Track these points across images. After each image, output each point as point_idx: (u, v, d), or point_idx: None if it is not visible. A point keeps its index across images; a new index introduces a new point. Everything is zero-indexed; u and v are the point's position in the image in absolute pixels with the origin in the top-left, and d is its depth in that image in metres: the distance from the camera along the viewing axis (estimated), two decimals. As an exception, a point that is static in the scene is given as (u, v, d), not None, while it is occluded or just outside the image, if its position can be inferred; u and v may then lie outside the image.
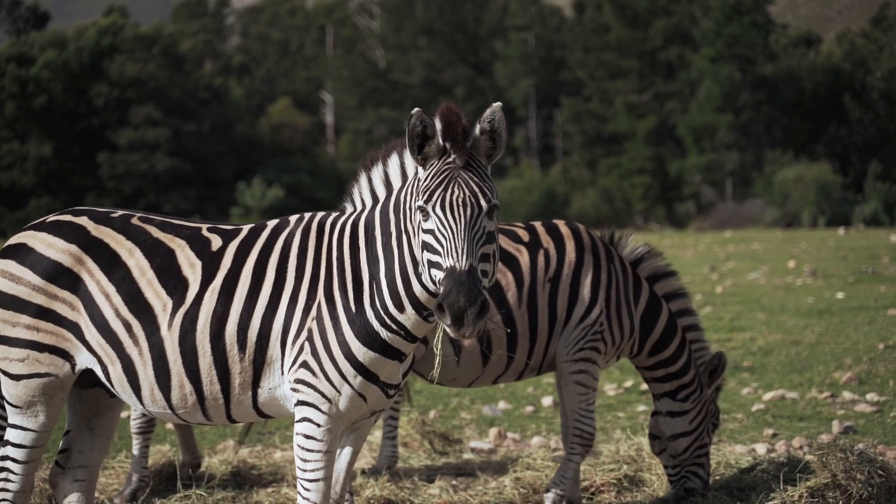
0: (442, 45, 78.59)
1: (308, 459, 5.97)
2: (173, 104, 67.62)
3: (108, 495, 9.02)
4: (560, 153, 74.86)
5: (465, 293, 5.23)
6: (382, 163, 6.10)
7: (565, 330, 8.04)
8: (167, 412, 6.19)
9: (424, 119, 5.61)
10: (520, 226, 8.34)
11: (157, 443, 10.24)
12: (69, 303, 6.16)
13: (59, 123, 66.10)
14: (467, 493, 8.90)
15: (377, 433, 10.81)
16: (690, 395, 8.48)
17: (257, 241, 6.19)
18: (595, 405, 8.27)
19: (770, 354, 15.49)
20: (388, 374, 5.94)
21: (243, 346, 5.99)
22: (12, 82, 64.59)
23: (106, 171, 65.20)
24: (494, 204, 5.56)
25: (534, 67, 75.13)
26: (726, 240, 44.34)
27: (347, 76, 77.76)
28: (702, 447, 8.49)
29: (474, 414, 12.25)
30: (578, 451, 8.18)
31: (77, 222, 6.32)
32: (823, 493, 7.83)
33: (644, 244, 8.59)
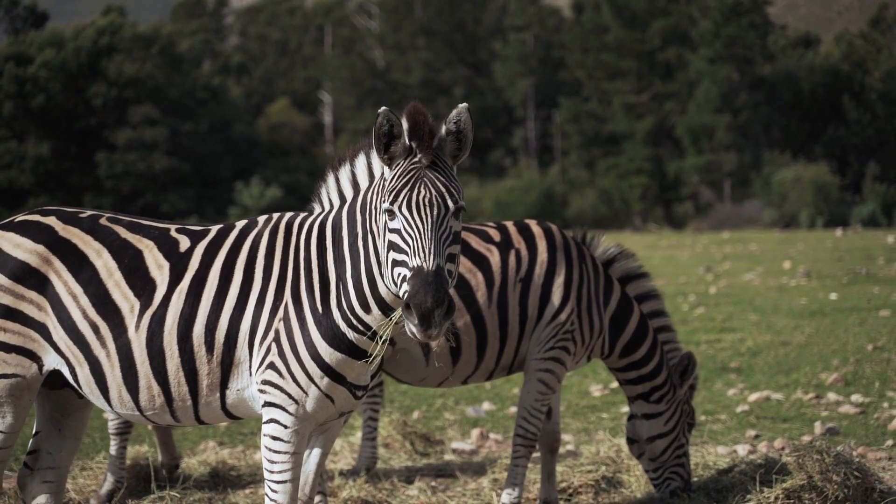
0: (440, 45, 78.56)
1: (275, 461, 5.95)
2: (171, 104, 67.61)
3: (86, 496, 9.00)
4: (558, 153, 74.83)
5: (433, 293, 5.21)
6: (350, 163, 6.07)
7: (536, 329, 8.01)
8: (135, 414, 6.16)
9: (391, 118, 5.59)
10: (491, 226, 8.30)
11: (136, 443, 10.22)
12: (37, 303, 6.13)
13: (57, 123, 66.10)
14: (445, 494, 8.89)
15: (358, 434, 10.79)
16: (664, 397, 8.46)
17: (225, 241, 6.16)
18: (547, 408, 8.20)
19: (758, 355, 15.46)
20: (356, 375, 5.92)
21: (211, 347, 5.97)
22: (10, 82, 64.61)
23: (104, 171, 65.21)
24: (461, 204, 5.54)
25: (532, 68, 75.07)
26: (724, 240, 44.31)
27: (346, 76, 77.71)
28: (680, 447, 8.49)
29: (458, 415, 12.23)
30: (522, 452, 8.11)
31: (45, 222, 6.29)
32: (799, 494, 7.83)
33: (616, 245, 8.56)
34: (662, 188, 64.26)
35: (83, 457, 10.24)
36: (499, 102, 77.13)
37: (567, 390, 13.60)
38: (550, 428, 8.50)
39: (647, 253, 37.40)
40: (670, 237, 49.78)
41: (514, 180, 64.80)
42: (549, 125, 77.01)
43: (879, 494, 7.95)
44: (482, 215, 57.55)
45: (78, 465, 9.73)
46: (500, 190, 63.59)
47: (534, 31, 76.51)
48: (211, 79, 72.77)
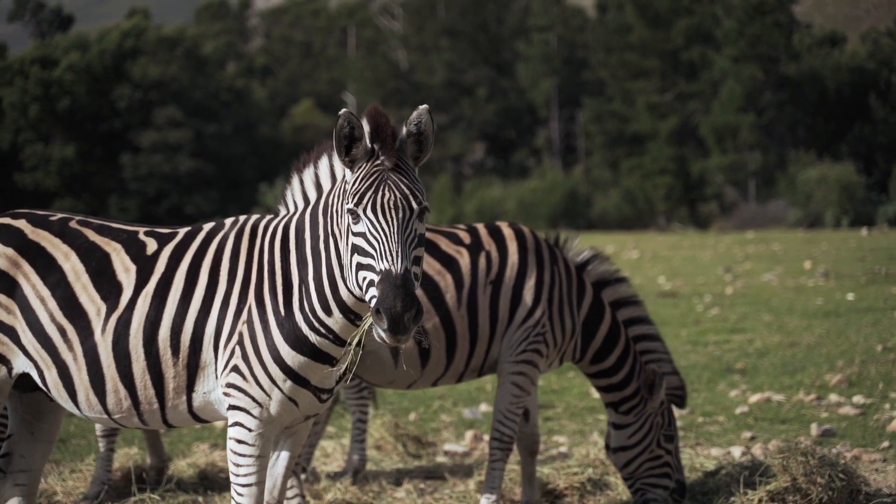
0: (464, 45, 78.50)
1: (240, 464, 5.93)
2: (196, 106, 67.86)
3: (75, 498, 9.01)
4: (582, 154, 74.70)
5: (402, 297, 5.18)
6: (313, 165, 6.05)
7: (508, 331, 7.97)
8: (103, 417, 6.15)
9: (352, 120, 5.54)
10: (461, 228, 8.27)
11: (126, 446, 10.23)
12: (5, 306, 6.13)
13: (82, 125, 66.48)
14: (432, 496, 8.87)
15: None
16: (633, 409, 8.35)
17: (192, 244, 6.15)
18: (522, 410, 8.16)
19: (765, 356, 15.38)
20: (320, 378, 5.89)
21: (176, 350, 5.95)
22: (36, 85, 65.02)
23: (129, 173, 65.54)
24: (425, 206, 5.51)
25: (556, 68, 74.91)
26: (747, 240, 44.07)
27: (370, 77, 77.73)
28: (653, 459, 8.36)
29: (454, 416, 12.20)
30: (499, 455, 8.07)
31: (15, 225, 6.29)
32: (784, 496, 7.81)
33: (590, 248, 8.49)
34: (687, 188, 63.99)
35: (75, 459, 10.26)
36: (522, 103, 77.02)
37: (567, 392, 13.56)
38: (529, 430, 8.46)
39: (670, 253, 37.30)
40: (693, 237, 49.57)
41: (537, 181, 64.68)
42: (572, 125, 76.88)
43: (865, 496, 7.92)
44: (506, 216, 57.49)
45: (68, 468, 9.75)
46: (524, 190, 63.50)
47: (557, 32, 76.36)
48: (235, 81, 73.00)
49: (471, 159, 79.29)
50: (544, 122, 77.60)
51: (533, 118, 78.32)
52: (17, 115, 65.41)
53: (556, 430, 11.62)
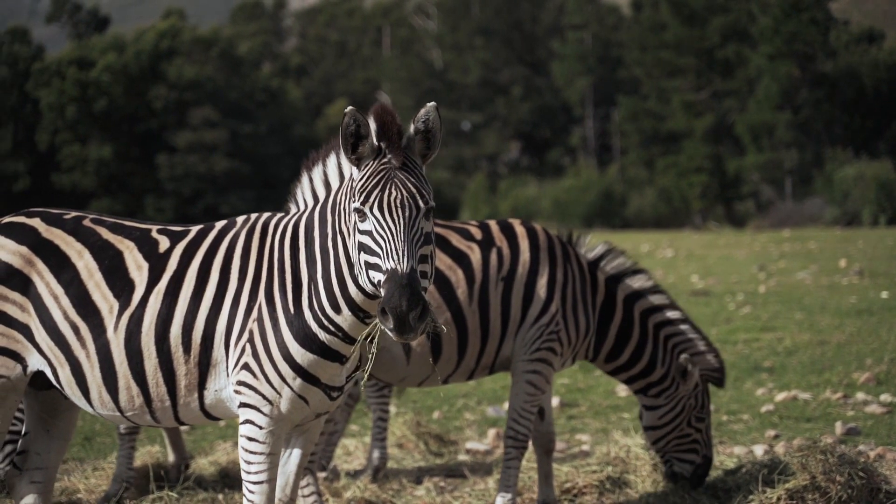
0: (498, 44, 78.43)
1: (251, 462, 5.94)
2: (231, 106, 68.11)
3: (97, 496, 9.05)
4: (617, 152, 74.50)
5: (408, 297, 5.17)
6: (322, 163, 6.05)
7: (521, 330, 7.95)
8: (116, 414, 6.18)
9: (358, 118, 5.54)
10: (473, 224, 8.25)
11: (148, 444, 10.27)
12: (20, 304, 6.16)
13: (118, 126, 66.89)
14: (452, 494, 8.86)
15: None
16: (662, 392, 8.45)
17: (203, 242, 6.16)
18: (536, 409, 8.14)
19: (794, 355, 15.28)
20: (329, 376, 5.89)
21: (188, 347, 5.97)
22: (73, 86, 65.48)
23: (165, 173, 65.87)
24: (432, 205, 5.51)
25: (591, 66, 74.77)
26: (783, 239, 43.85)
27: (404, 77, 77.80)
28: (682, 437, 8.47)
29: (478, 415, 12.19)
30: (514, 454, 8.07)
31: (29, 224, 6.33)
32: (803, 495, 7.73)
33: (604, 243, 8.47)
34: (722, 186, 63.70)
35: (99, 457, 10.31)
36: (557, 101, 76.91)
37: (592, 390, 13.52)
38: (545, 429, 8.45)
39: (705, 252, 37.14)
40: (729, 236, 49.35)
41: (572, 179, 64.59)
42: (607, 124, 76.72)
43: (885, 495, 7.83)
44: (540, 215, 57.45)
45: (91, 465, 9.79)
46: (559, 189, 63.43)
47: (592, 30, 76.20)
48: (270, 81, 73.18)
49: (506, 158, 79.25)
50: (579, 120, 77.47)
51: (568, 117, 78.20)
52: (54, 116, 65.88)
53: (580, 428, 11.59)
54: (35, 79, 67.23)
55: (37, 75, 67.21)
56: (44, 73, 66.94)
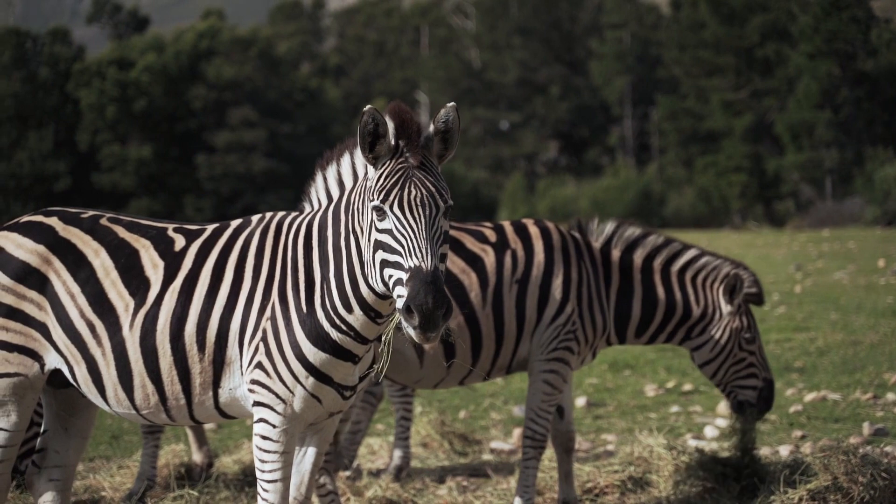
0: (537, 44, 78.27)
1: (265, 460, 5.96)
2: (270, 106, 68.32)
3: (122, 493, 9.10)
4: (656, 152, 74.19)
5: (434, 294, 5.18)
6: (336, 162, 6.06)
7: (537, 330, 7.94)
8: (132, 412, 6.21)
9: (377, 117, 5.54)
10: (487, 226, 8.25)
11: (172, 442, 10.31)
12: (37, 303, 6.21)
13: (158, 126, 67.23)
14: (474, 494, 8.85)
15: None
16: (706, 327, 8.46)
17: (218, 241, 6.18)
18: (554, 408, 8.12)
19: (825, 355, 15.19)
20: (342, 375, 5.90)
21: (202, 346, 5.99)
22: (113, 86, 65.85)
23: (204, 173, 66.14)
24: (450, 204, 5.52)
25: (629, 65, 74.50)
26: (822, 238, 43.58)
27: (442, 76, 77.76)
28: (738, 363, 8.47)
29: (504, 414, 12.18)
30: (531, 454, 8.06)
31: (47, 223, 6.37)
32: (824, 495, 7.71)
33: (612, 222, 8.45)
34: (762, 186, 63.34)
35: (124, 455, 10.37)
36: (595, 101, 76.69)
37: (620, 390, 13.49)
38: (564, 428, 8.43)
39: (743, 251, 36.93)
40: (768, 235, 49.12)
41: (610, 179, 64.38)
42: (646, 123, 76.42)
43: (909, 496, 7.77)
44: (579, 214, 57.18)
45: (116, 464, 9.85)
46: (597, 189, 63.24)
47: (630, 29, 75.95)
48: (309, 80, 73.33)
49: (544, 158, 79.11)
50: (618, 120, 77.22)
51: (606, 116, 77.95)
52: (94, 117, 66.29)
53: (605, 428, 11.56)
54: (76, 79, 67.68)
55: (77, 76, 67.67)
56: (84, 74, 67.39)
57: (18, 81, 68.38)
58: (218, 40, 69.15)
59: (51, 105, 68.53)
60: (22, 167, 66.13)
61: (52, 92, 68.89)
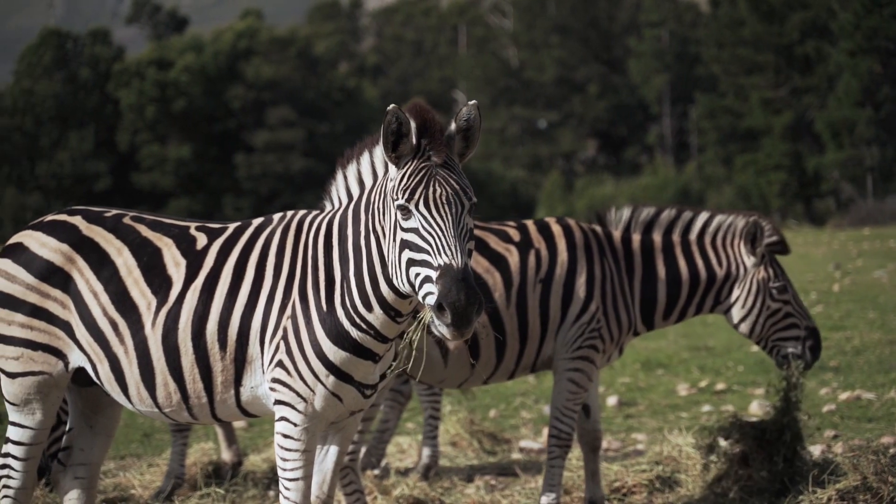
0: (575, 42, 78.10)
1: (287, 459, 5.96)
2: (308, 105, 68.47)
3: (151, 491, 9.13)
4: (695, 150, 73.91)
5: (467, 292, 5.19)
6: (356, 161, 6.06)
7: (561, 329, 7.92)
8: (154, 411, 6.22)
9: (400, 116, 5.55)
10: (511, 225, 8.23)
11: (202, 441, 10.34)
12: (61, 301, 6.23)
13: (197, 126, 67.51)
14: (502, 493, 8.83)
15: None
16: (732, 288, 8.38)
17: (240, 239, 6.19)
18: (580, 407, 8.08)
19: (861, 354, 15.07)
20: (363, 374, 5.89)
21: (224, 344, 6.00)
22: (153, 86, 66.17)
23: (242, 173, 66.37)
24: (474, 201, 5.53)
25: (668, 64, 74.20)
26: (863, 237, 43.30)
27: (480, 75, 77.71)
28: (773, 315, 8.34)
29: (535, 413, 12.15)
30: (557, 453, 8.03)
31: (70, 221, 6.40)
32: (854, 495, 7.64)
33: (627, 206, 8.44)
34: (802, 184, 62.97)
35: (155, 453, 10.41)
36: (634, 99, 76.44)
37: (653, 389, 13.43)
38: (591, 427, 8.39)
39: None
40: (808, 234, 48.86)
41: (649, 178, 64.19)
42: (685, 121, 76.12)
43: (940, 497, 7.68)
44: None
45: (147, 462, 9.89)
46: (636, 188, 63.05)
47: (669, 27, 75.66)
48: (347, 80, 73.46)
49: (582, 156, 78.96)
50: (656, 118, 76.94)
51: (645, 115, 77.69)
52: (134, 117, 66.66)
53: (636, 427, 11.51)
54: (115, 80, 68.09)
55: (117, 76, 68.08)
56: (124, 74, 67.78)
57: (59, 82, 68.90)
58: (256, 40, 69.37)
59: (91, 105, 69.01)
60: (63, 167, 66.61)
61: (93, 92, 69.38)
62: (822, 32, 64.88)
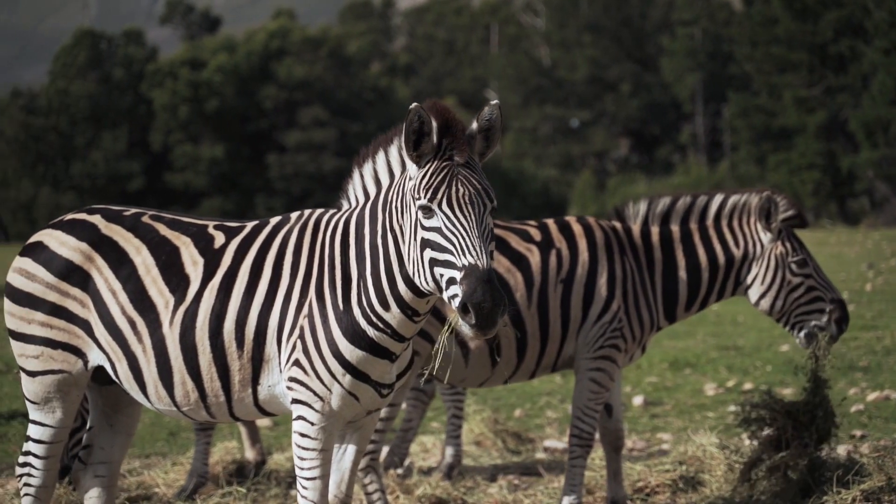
0: (607, 41, 77.85)
1: (304, 457, 5.95)
2: (340, 105, 68.59)
3: (175, 490, 9.15)
4: (728, 149, 73.58)
5: (493, 292, 5.19)
6: (372, 159, 6.05)
7: (582, 329, 7.89)
8: (172, 409, 6.23)
9: (423, 115, 5.53)
10: (532, 224, 8.19)
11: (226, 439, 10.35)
12: (80, 300, 6.25)
13: (229, 126, 67.76)
14: (525, 492, 8.81)
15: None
16: (751, 265, 8.29)
17: (257, 238, 6.19)
18: (601, 407, 8.04)
19: (891, 354, 14.96)
20: (379, 373, 5.88)
21: (241, 343, 6.00)
22: (186, 86, 66.47)
23: (275, 172, 66.54)
24: (495, 204, 5.54)
25: (701, 62, 73.87)
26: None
27: (512, 74, 77.59)
28: (794, 290, 8.22)
29: (560, 413, 12.11)
30: (578, 453, 8.00)
31: (90, 220, 6.42)
32: (878, 496, 7.61)
33: (644, 199, 8.39)
34: (835, 184, 62.63)
35: (181, 452, 10.43)
36: (666, 98, 76.15)
37: (680, 389, 13.37)
38: (613, 426, 8.36)
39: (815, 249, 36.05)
40: (842, 233, 48.57)
41: (682, 177, 64.00)
42: (717, 120, 75.78)
43: (966, 497, 7.62)
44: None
45: (171, 460, 9.91)
46: (668, 187, 62.77)
47: (702, 25, 75.35)
48: (379, 80, 73.53)
49: (614, 155, 78.75)
50: (689, 117, 76.61)
51: (677, 113, 77.38)
52: (167, 117, 66.99)
53: (662, 427, 11.46)
54: (149, 80, 68.45)
55: (150, 76, 68.43)
56: (157, 74, 68.13)
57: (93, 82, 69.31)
58: (289, 40, 69.55)
59: (125, 105, 69.39)
60: (97, 167, 67.03)
61: (126, 92, 69.78)
62: (856, 31, 64.46)
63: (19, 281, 6.36)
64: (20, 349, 6.37)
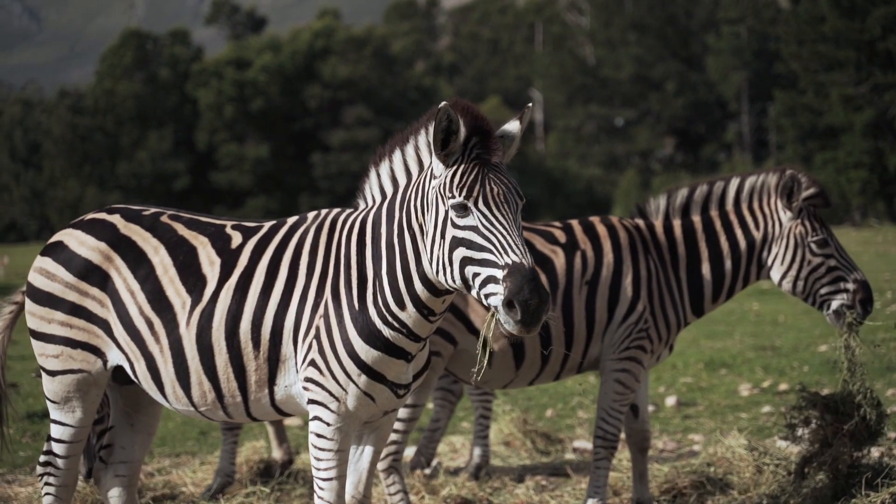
0: (652, 39, 77.55)
1: (321, 458, 5.93)
2: (384, 104, 68.74)
3: (202, 489, 9.16)
4: (773, 148, 73.10)
5: (539, 290, 5.17)
6: (388, 159, 6.01)
7: (608, 330, 7.83)
8: (190, 409, 6.23)
9: (451, 114, 5.47)
10: (557, 226, 8.13)
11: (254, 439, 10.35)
12: (99, 300, 6.26)
13: (274, 125, 68.07)
14: (551, 493, 8.76)
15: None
16: (771, 246, 8.18)
17: (274, 238, 6.17)
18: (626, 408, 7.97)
19: (931, 356, 14.79)
20: (395, 373, 5.84)
21: (257, 343, 5.98)
22: (231, 86, 66.83)
23: (319, 172, 66.79)
24: (524, 200, 5.54)
25: (746, 61, 73.44)
26: (946, 235, 42.69)
27: (556, 73, 77.50)
28: (816, 269, 8.08)
29: (592, 413, 12.04)
30: (603, 454, 7.93)
31: (109, 220, 6.43)
32: (908, 500, 7.45)
33: (663, 195, 8.34)
34: (883, 182, 62.07)
35: (209, 452, 10.44)
36: (712, 97, 75.76)
37: (713, 390, 13.26)
38: (639, 427, 8.29)
39: (861, 248, 36.23)
40: (889, 232, 48.15)
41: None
42: (763, 119, 75.28)
43: None
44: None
45: (199, 460, 9.92)
46: (714, 186, 62.48)
47: (748, 24, 74.88)
48: (423, 79, 73.67)
49: (659, 154, 78.45)
50: (735, 115, 76.21)
51: (723, 112, 77.00)
52: (213, 116, 67.38)
53: (693, 428, 11.37)
54: (194, 79, 68.91)
55: (196, 76, 68.87)
56: (203, 74, 68.57)
57: (139, 82, 69.79)
58: (333, 40, 69.78)
59: (170, 105, 69.87)
60: (142, 166, 67.50)
61: (172, 92, 70.25)
62: (904, 28, 63.85)
63: (40, 280, 6.37)
64: (41, 348, 6.39)
